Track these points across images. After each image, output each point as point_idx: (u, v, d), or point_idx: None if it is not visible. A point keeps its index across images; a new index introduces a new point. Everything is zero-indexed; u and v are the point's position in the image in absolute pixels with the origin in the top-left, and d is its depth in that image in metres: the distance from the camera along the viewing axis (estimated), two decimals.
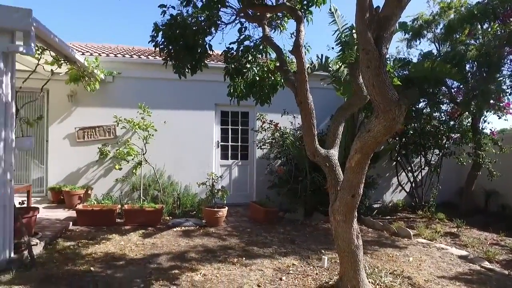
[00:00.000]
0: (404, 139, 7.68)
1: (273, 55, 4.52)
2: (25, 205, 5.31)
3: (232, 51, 4.22)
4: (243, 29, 4.21)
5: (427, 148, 7.70)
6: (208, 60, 4.37)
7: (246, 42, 4.22)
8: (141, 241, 4.94)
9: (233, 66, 4.27)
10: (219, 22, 4.17)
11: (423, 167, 7.92)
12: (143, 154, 6.58)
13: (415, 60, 8.09)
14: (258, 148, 7.29)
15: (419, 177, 7.92)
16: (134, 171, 6.66)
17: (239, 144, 7.99)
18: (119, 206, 6.07)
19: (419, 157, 7.96)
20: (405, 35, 8.64)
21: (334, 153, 3.37)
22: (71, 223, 5.62)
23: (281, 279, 3.72)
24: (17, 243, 3.95)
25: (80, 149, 7.15)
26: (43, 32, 4.18)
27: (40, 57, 5.02)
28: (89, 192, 6.92)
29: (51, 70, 5.66)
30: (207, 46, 4.14)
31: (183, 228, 5.73)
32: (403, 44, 8.96)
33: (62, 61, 5.65)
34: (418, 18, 8.27)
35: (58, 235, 5.02)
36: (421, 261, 4.47)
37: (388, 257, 4.60)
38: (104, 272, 3.77)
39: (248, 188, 7.98)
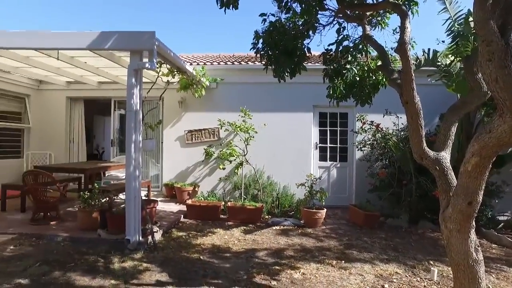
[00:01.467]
0: None
1: (374, 54, 4.33)
2: (146, 198, 6.20)
3: (331, 52, 4.19)
4: (342, 29, 4.14)
5: None
6: (306, 63, 4.42)
7: (345, 42, 4.15)
8: (243, 237, 5.27)
9: (332, 67, 4.24)
10: (317, 24, 4.18)
11: None
12: (244, 155, 6.99)
13: None
14: (357, 149, 7.04)
15: None
16: (236, 171, 7.12)
17: (338, 145, 7.84)
18: (223, 203, 6.56)
19: None
20: None
21: (445, 155, 3.06)
22: (182, 216, 6.30)
23: (383, 286, 3.55)
24: (142, 229, 4.64)
25: (189, 150, 7.98)
26: (162, 49, 4.84)
27: (159, 70, 5.79)
28: (196, 189, 7.63)
29: (167, 80, 6.49)
30: (305, 49, 4.19)
31: (282, 227, 5.91)
32: None
33: (175, 72, 6.44)
34: None
35: (172, 225, 5.70)
36: None
37: None
38: (212, 261, 4.16)
39: (347, 191, 7.76)
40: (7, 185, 6.30)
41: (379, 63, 3.93)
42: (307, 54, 4.23)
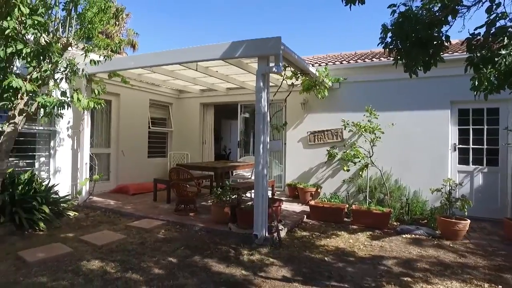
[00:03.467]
0: None
1: None
2: (271, 197, 6.46)
3: (478, 37, 3.59)
4: (495, 6, 3.49)
5: None
6: (442, 53, 3.91)
7: (500, 22, 3.47)
8: (369, 242, 4.99)
9: (478, 54, 3.63)
10: (458, 7, 3.65)
11: None
12: (370, 157, 6.62)
13: None
14: None
15: None
16: (360, 173, 6.79)
17: (484, 147, 6.64)
18: (347, 205, 6.35)
19: None
20: None
21: None
22: (305, 216, 6.35)
23: None
24: (268, 226, 4.85)
25: (311, 151, 8.01)
26: (287, 52, 4.99)
27: (284, 74, 5.99)
28: (318, 190, 7.60)
29: (292, 83, 6.66)
30: (443, 38, 3.71)
31: (412, 235, 5.36)
32: None
33: (298, 74, 6.56)
34: None
35: (296, 225, 5.79)
36: None
37: None
38: (336, 264, 4.05)
39: (499, 201, 6.46)
40: (157, 180, 7.52)
41: None
42: (445, 44, 3.74)
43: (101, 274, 3.51)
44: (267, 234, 4.71)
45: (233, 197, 5.63)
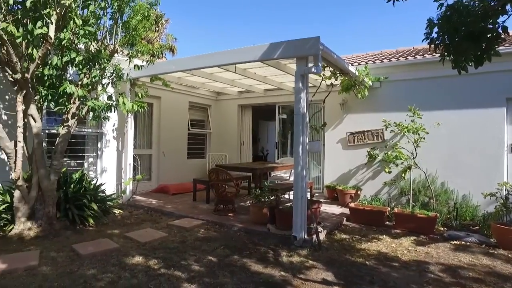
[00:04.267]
0: None
1: None
2: (310, 198, 6.37)
3: None
4: None
5: None
6: (497, 47, 3.64)
7: None
8: (413, 248, 4.76)
9: None
10: None
11: None
12: (413, 158, 6.32)
13: None
14: None
15: None
16: (402, 175, 6.49)
17: None
18: (389, 208, 6.12)
19: None
20: None
21: None
22: (344, 218, 6.20)
23: None
24: (307, 228, 4.79)
25: (351, 153, 7.80)
26: (326, 52, 4.91)
27: (323, 74, 5.89)
28: (358, 192, 7.40)
29: (331, 83, 6.54)
30: (499, 29, 3.44)
31: (462, 242, 5.03)
32: None
33: (337, 74, 6.42)
34: None
35: (335, 227, 5.67)
36: None
37: None
38: (379, 269, 3.91)
39: None
40: (197, 180, 7.69)
41: None
42: (502, 36, 3.47)
43: (145, 270, 3.65)
44: (306, 236, 4.65)
45: (271, 198, 5.62)
